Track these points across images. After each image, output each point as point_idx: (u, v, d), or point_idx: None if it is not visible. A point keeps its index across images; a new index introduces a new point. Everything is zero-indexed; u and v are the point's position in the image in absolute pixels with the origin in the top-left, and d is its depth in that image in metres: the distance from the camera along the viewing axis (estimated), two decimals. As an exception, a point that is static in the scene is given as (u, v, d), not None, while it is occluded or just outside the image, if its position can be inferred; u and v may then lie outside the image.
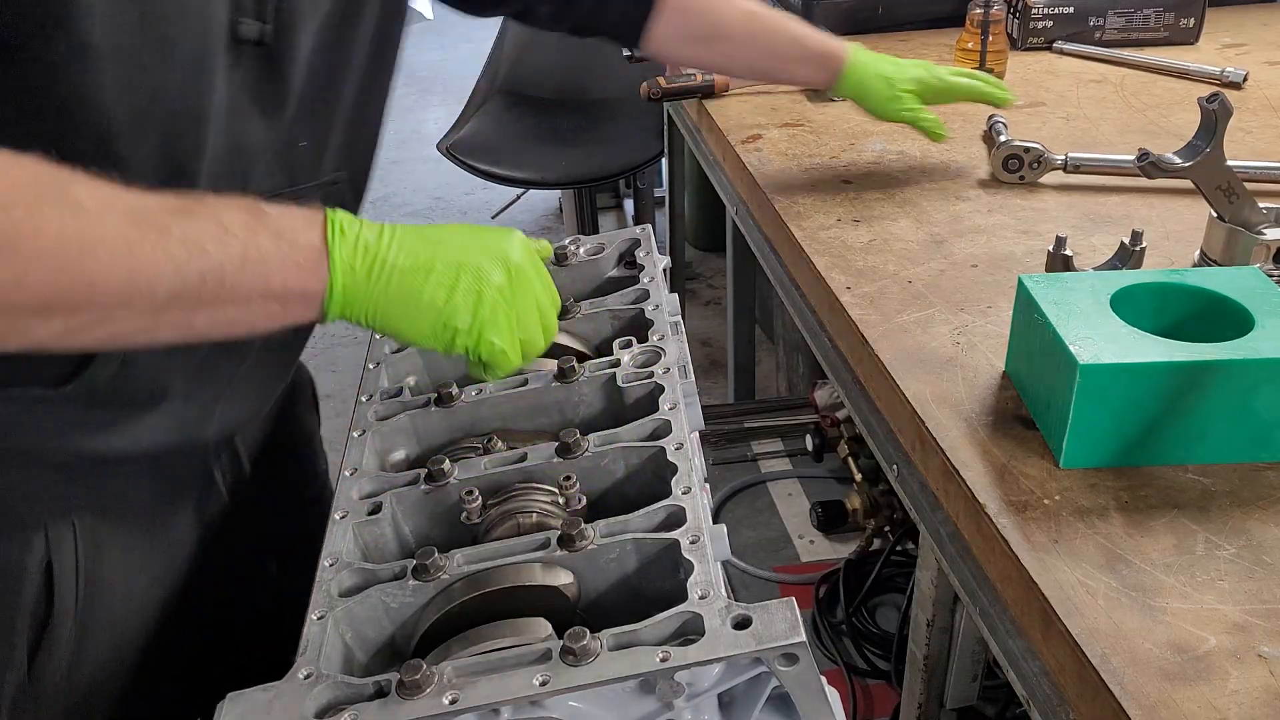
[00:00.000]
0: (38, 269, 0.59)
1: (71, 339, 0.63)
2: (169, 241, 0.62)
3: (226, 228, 0.64)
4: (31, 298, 0.59)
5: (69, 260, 0.59)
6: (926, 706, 1.15)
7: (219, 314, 0.66)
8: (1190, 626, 0.71)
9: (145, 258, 0.61)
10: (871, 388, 1.07)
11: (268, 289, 0.66)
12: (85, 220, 0.60)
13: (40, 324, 0.61)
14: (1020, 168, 1.34)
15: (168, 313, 0.64)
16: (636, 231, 1.11)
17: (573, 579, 0.74)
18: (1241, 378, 0.80)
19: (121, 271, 0.61)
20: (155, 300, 0.62)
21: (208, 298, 0.64)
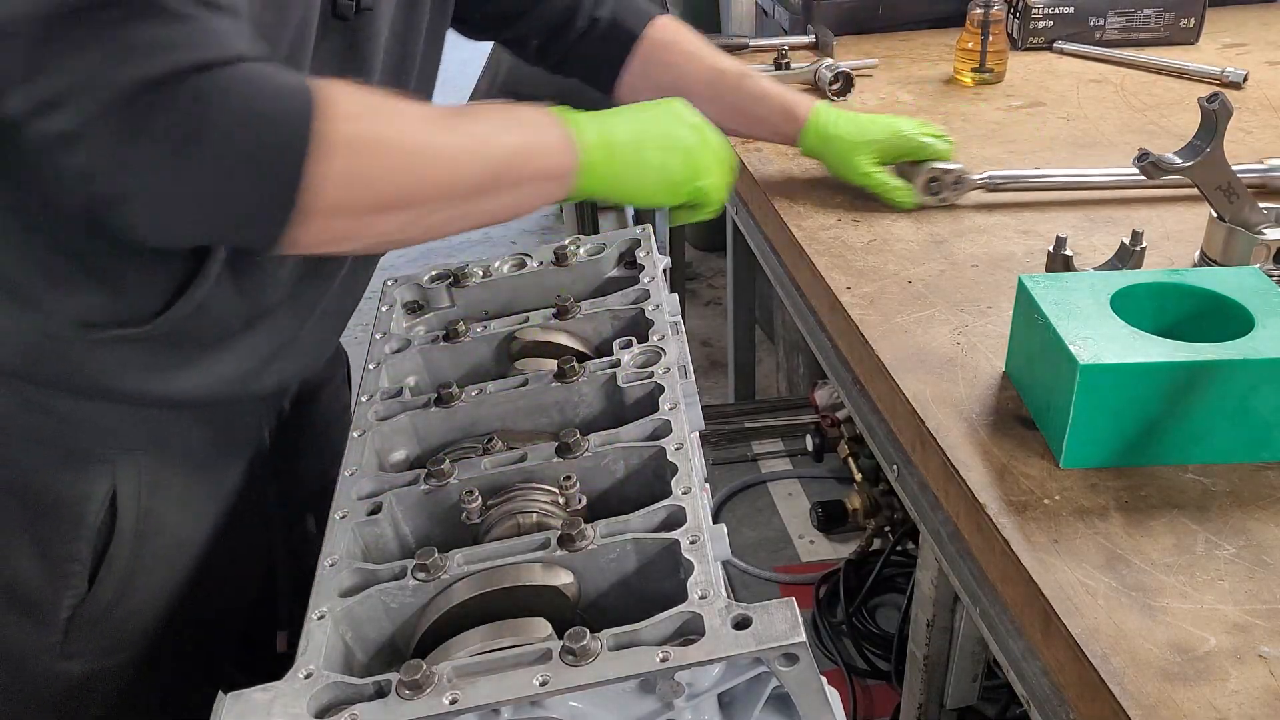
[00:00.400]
0: (382, 170, 0.70)
1: (402, 234, 0.75)
2: (467, 141, 0.76)
3: (499, 125, 0.79)
4: (376, 197, 0.70)
5: (405, 161, 0.71)
6: (926, 707, 1.15)
7: (502, 198, 0.80)
8: (1190, 626, 0.71)
9: (457, 155, 0.75)
10: (871, 388, 1.08)
11: (535, 172, 0.81)
12: (411, 127, 0.73)
13: (380, 220, 0.72)
14: (942, 189, 1.32)
15: (470, 201, 0.77)
16: (636, 231, 1.11)
17: (573, 579, 0.74)
18: (1241, 378, 0.80)
19: (443, 169, 0.74)
20: (465, 191, 0.76)
21: (503, 183, 0.78)
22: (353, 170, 0.68)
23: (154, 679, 0.95)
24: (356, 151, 0.68)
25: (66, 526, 0.86)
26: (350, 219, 0.70)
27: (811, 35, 1.95)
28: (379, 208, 0.71)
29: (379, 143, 0.70)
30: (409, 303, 1.10)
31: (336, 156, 0.67)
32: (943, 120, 1.62)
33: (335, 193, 0.67)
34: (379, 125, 0.70)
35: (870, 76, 1.84)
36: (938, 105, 1.69)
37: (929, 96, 1.74)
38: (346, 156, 0.67)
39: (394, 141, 0.71)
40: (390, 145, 0.71)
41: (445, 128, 0.75)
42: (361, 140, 0.68)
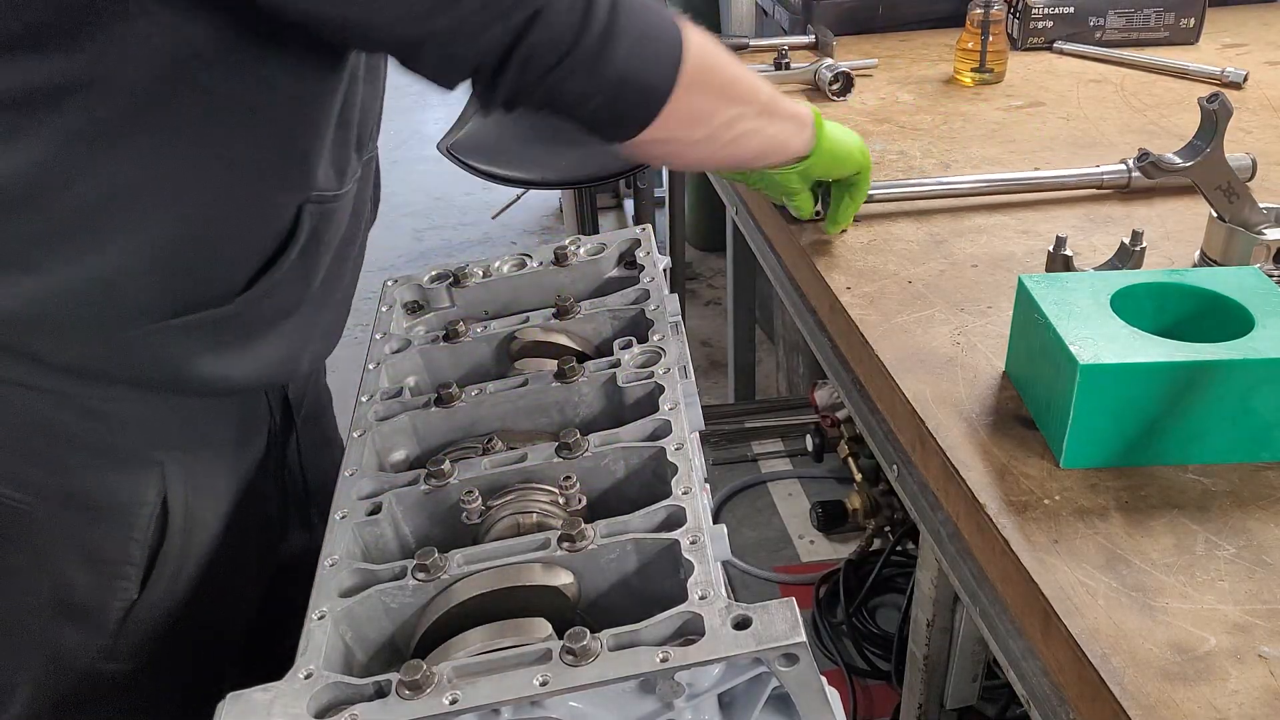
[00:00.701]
0: (723, 61, 0.91)
1: (727, 132, 0.93)
2: (747, 74, 0.94)
3: (776, 95, 0.98)
4: (721, 82, 0.91)
5: (731, 63, 0.92)
6: (926, 707, 1.15)
7: (774, 126, 0.99)
8: (1190, 626, 0.71)
9: (750, 79, 0.95)
10: (871, 388, 1.07)
11: (790, 113, 1.01)
12: (730, 62, 0.92)
13: (720, 110, 0.91)
14: (815, 201, 1.30)
15: (761, 118, 0.96)
16: (636, 232, 1.11)
17: (573, 579, 0.74)
18: (1241, 378, 0.80)
19: (748, 84, 0.94)
20: (759, 107, 0.95)
21: (775, 111, 0.98)
22: (707, 55, 0.87)
23: (176, 679, 0.95)
24: (706, 47, 0.87)
25: (120, 532, 0.86)
26: (705, 97, 0.88)
27: (811, 35, 1.95)
28: (721, 93, 0.90)
29: (717, 48, 0.89)
30: (409, 303, 1.10)
31: (695, 47, 0.85)
32: (943, 120, 1.62)
33: (699, 69, 0.85)
34: (715, 54, 0.89)
35: (870, 76, 1.84)
36: (938, 105, 1.70)
37: (929, 96, 1.74)
38: (702, 49, 0.86)
39: (722, 53, 0.91)
40: (721, 52, 0.90)
41: (749, 74, 0.96)
42: (708, 44, 0.88)
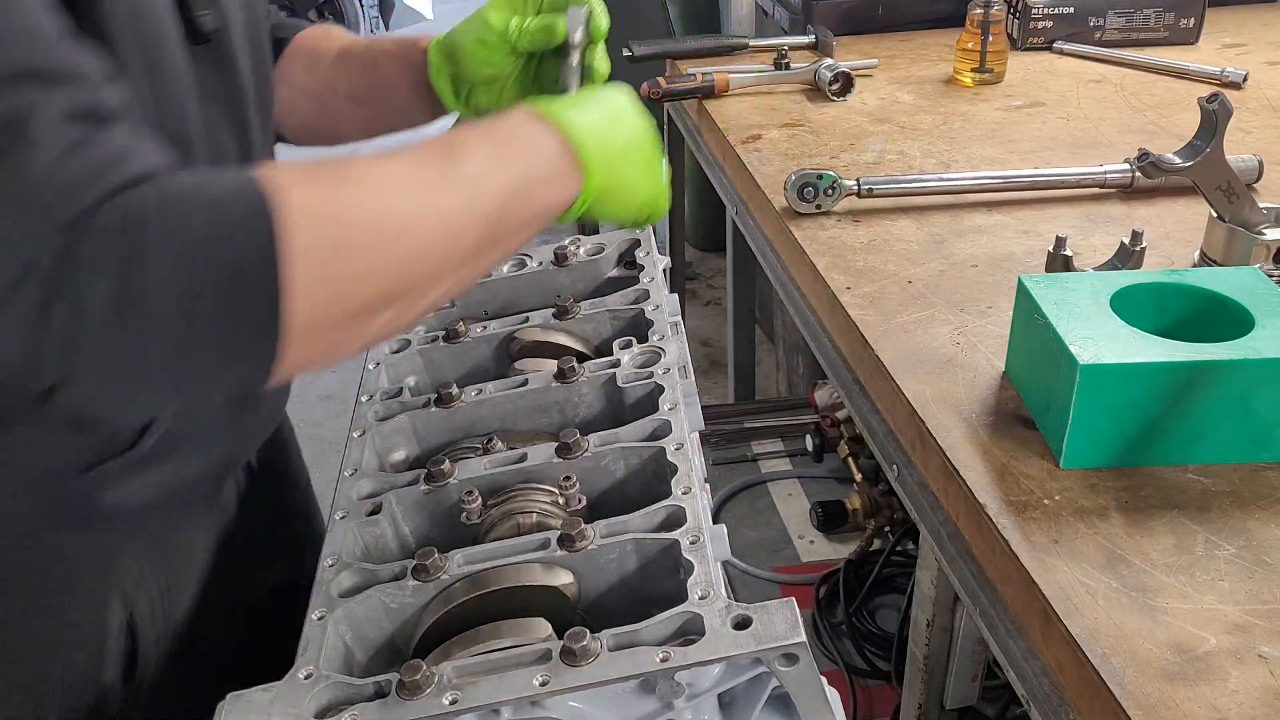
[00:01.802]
0: (375, 257, 0.58)
1: (397, 324, 0.63)
2: (457, 192, 0.63)
3: (488, 164, 0.65)
4: (374, 289, 0.58)
5: (395, 238, 0.59)
6: (926, 707, 1.15)
7: (500, 249, 0.67)
8: (1190, 626, 0.71)
9: (448, 215, 0.62)
10: (871, 388, 1.07)
11: (534, 213, 0.68)
12: (389, 195, 0.60)
13: (379, 317, 0.60)
14: (816, 196, 1.30)
15: (469, 263, 0.65)
16: (636, 232, 1.11)
17: (573, 579, 0.74)
18: (1241, 378, 0.80)
19: (438, 235, 0.62)
20: (464, 254, 0.64)
21: (499, 235, 0.65)
22: (335, 271, 0.56)
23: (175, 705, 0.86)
24: (335, 247, 0.56)
25: (89, 661, 0.77)
26: (342, 327, 0.58)
27: (811, 35, 1.95)
28: (373, 304, 0.59)
29: (359, 229, 0.58)
30: (409, 303, 1.09)
31: (312, 260, 0.55)
32: (942, 120, 1.62)
33: (320, 304, 0.56)
34: (353, 207, 0.58)
35: (870, 76, 1.84)
36: (938, 105, 1.70)
37: (929, 96, 1.74)
38: (323, 257, 0.55)
39: (375, 223, 0.58)
40: (372, 229, 0.58)
41: (436, 182, 0.63)
42: (338, 232, 0.56)
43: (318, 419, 2.97)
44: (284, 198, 0.54)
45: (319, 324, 0.56)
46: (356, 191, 0.58)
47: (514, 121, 0.69)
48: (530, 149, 0.68)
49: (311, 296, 0.55)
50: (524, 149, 0.68)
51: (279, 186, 0.55)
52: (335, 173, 0.59)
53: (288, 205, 0.54)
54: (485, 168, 0.65)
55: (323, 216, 0.56)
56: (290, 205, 0.54)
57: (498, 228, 0.65)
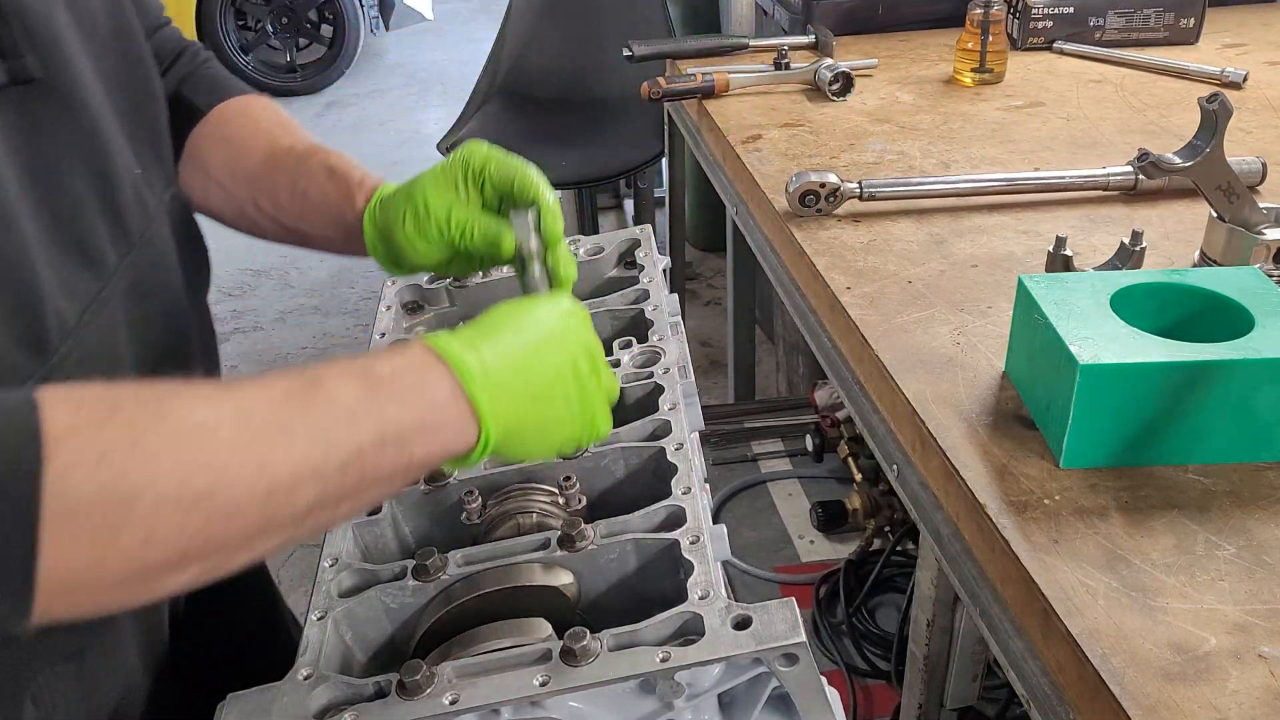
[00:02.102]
0: (165, 517, 0.49)
1: (207, 577, 0.54)
2: (298, 443, 0.54)
3: (350, 408, 0.57)
4: (164, 551, 0.50)
5: (199, 498, 0.50)
6: (927, 707, 1.15)
7: (360, 499, 0.58)
8: (1190, 626, 0.71)
9: (280, 468, 0.53)
10: (871, 388, 1.07)
11: (411, 462, 0.59)
12: (203, 444, 0.51)
13: (174, 576, 0.51)
14: (817, 201, 1.29)
15: (310, 518, 0.56)
16: (636, 232, 1.11)
17: (573, 579, 0.74)
18: (1241, 378, 0.80)
19: (259, 493, 0.52)
20: (297, 511, 0.54)
21: (350, 489, 0.56)
22: (107, 536, 0.48)
23: None
24: (112, 509, 0.48)
25: None
26: (122, 585, 0.50)
27: (811, 35, 1.95)
28: (161, 567, 0.51)
29: (149, 488, 0.49)
30: (409, 303, 1.09)
31: (79, 523, 0.47)
32: (942, 120, 1.62)
33: (86, 568, 0.48)
34: (147, 461, 0.49)
35: (870, 76, 1.84)
36: (938, 105, 1.70)
37: (929, 96, 1.74)
38: (94, 522, 0.47)
39: (172, 481, 0.49)
40: (166, 488, 0.49)
41: (273, 428, 0.54)
42: (119, 490, 0.48)
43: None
44: (58, 446, 0.46)
45: (86, 585, 0.49)
46: (157, 440, 0.49)
47: (403, 359, 0.61)
48: (413, 394, 0.59)
49: (74, 560, 0.47)
50: (405, 394, 0.59)
51: (55, 431, 0.47)
52: (139, 412, 0.50)
53: (58, 457, 0.46)
54: (347, 413, 0.56)
55: (102, 473, 0.47)
56: (62, 457, 0.46)
57: (353, 480, 0.56)
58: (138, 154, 0.74)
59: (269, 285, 3.67)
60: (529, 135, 2.94)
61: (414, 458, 0.59)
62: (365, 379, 0.58)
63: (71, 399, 0.49)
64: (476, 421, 0.61)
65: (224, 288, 3.61)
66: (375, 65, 6.22)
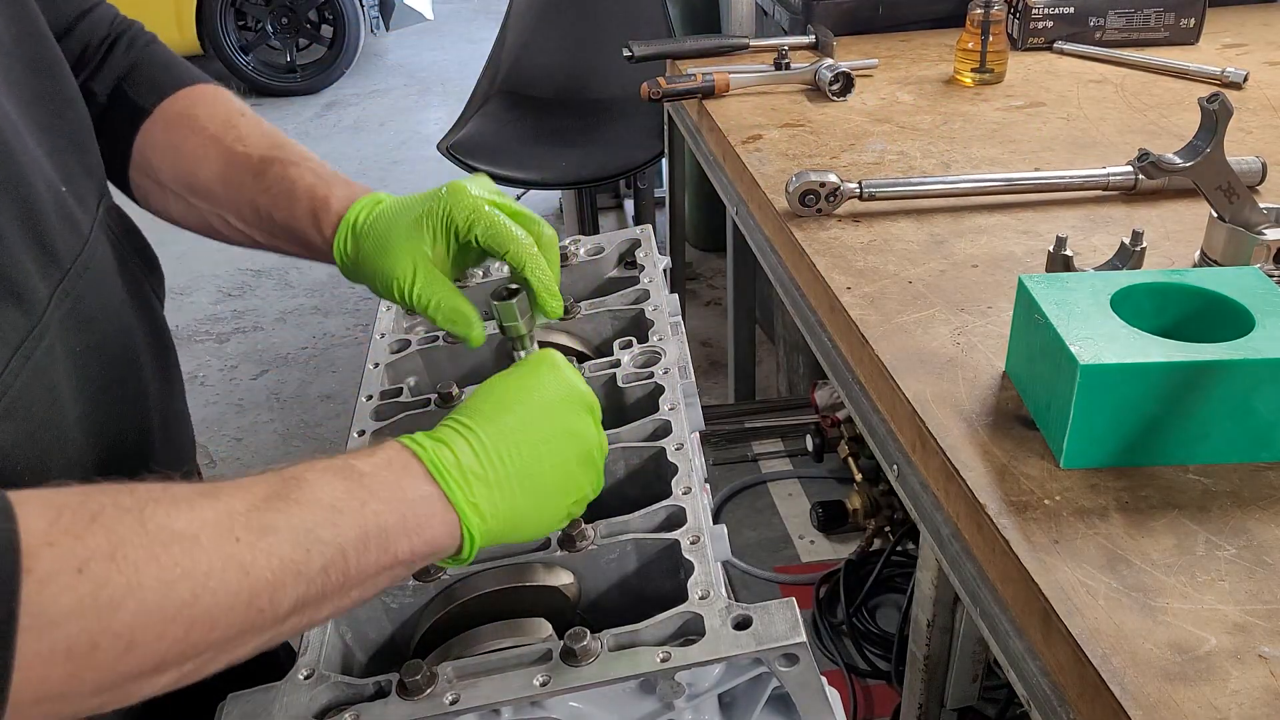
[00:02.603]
0: (146, 627, 0.48)
1: (185, 682, 0.52)
2: (281, 544, 0.53)
3: (334, 507, 0.55)
4: (143, 659, 0.49)
5: (181, 606, 0.49)
6: (927, 707, 1.15)
7: (344, 600, 0.57)
8: (1191, 626, 0.71)
9: (262, 574, 0.52)
10: (872, 388, 1.07)
11: (395, 559, 0.58)
12: (183, 551, 0.49)
13: (150, 682, 0.50)
14: (817, 201, 1.29)
15: (291, 619, 0.54)
16: (636, 232, 1.11)
17: (573, 579, 0.74)
18: (1242, 378, 0.80)
19: (242, 599, 0.51)
20: (279, 614, 0.53)
21: (332, 589, 0.55)
22: (85, 645, 0.46)
23: None
24: (90, 620, 0.46)
25: None
26: (101, 692, 0.49)
27: (811, 35, 1.95)
28: (150, 670, 0.50)
29: (128, 598, 0.47)
30: (409, 303, 1.09)
31: (56, 635, 0.45)
32: (942, 120, 1.62)
33: (62, 679, 0.46)
34: (125, 569, 0.47)
35: (870, 76, 1.84)
36: (938, 105, 1.70)
37: (929, 96, 1.74)
38: (71, 632, 0.46)
39: (153, 590, 0.48)
40: (147, 597, 0.48)
41: (254, 530, 0.52)
42: (97, 600, 0.46)
43: (318, 419, 2.97)
44: (36, 557, 0.45)
45: (61, 696, 0.47)
46: (137, 549, 0.48)
47: (382, 456, 0.60)
48: (393, 492, 0.58)
49: (50, 672, 0.46)
50: (385, 491, 0.58)
51: (33, 541, 0.45)
52: (119, 521, 0.48)
53: (37, 568, 0.45)
54: (329, 511, 0.55)
55: (82, 584, 0.46)
56: (41, 568, 0.45)
57: (336, 581, 0.55)
58: (62, 169, 0.68)
59: (269, 285, 3.67)
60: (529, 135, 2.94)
61: (398, 556, 0.58)
62: (346, 477, 0.57)
63: (49, 505, 0.47)
64: (460, 527, 0.60)
65: (224, 288, 3.61)
66: (375, 65, 6.22)
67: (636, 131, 2.88)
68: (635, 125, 2.90)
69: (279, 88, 5.66)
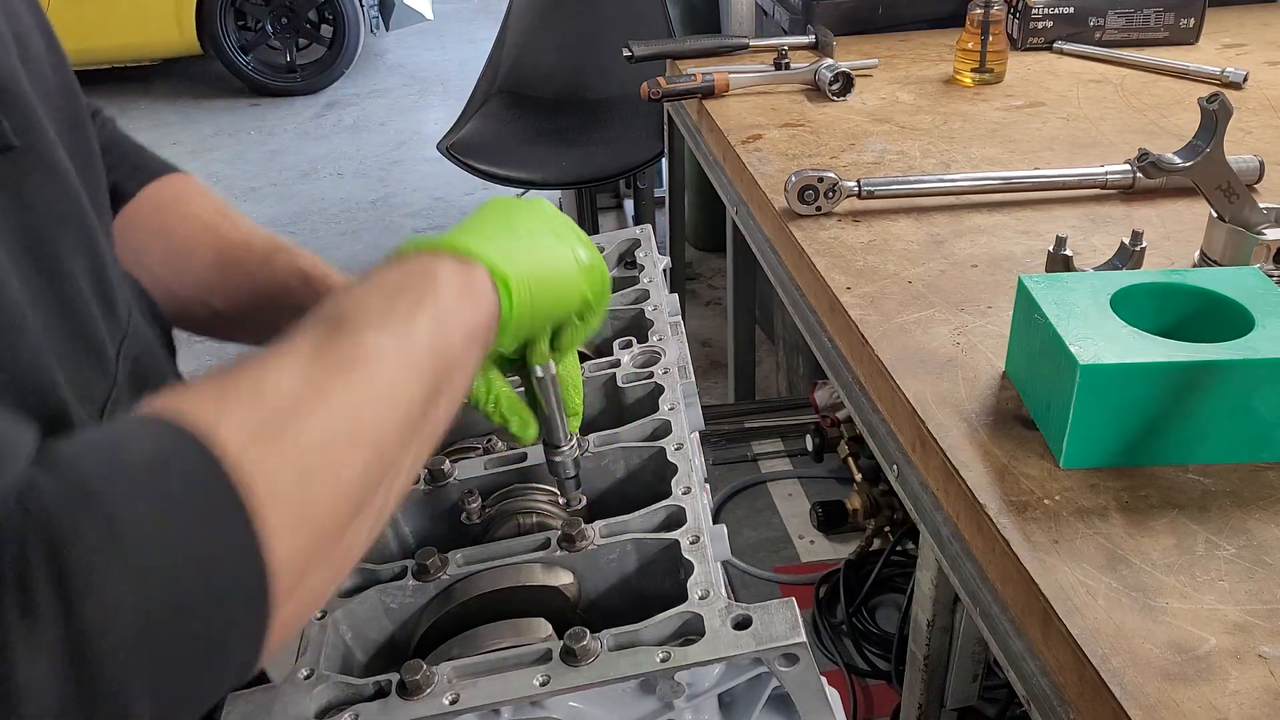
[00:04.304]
0: (338, 469, 0.48)
1: (377, 525, 0.53)
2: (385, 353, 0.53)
3: (389, 302, 0.56)
4: (348, 495, 0.49)
5: (349, 446, 0.49)
6: (927, 707, 1.15)
7: (450, 390, 0.58)
8: (1190, 626, 0.71)
9: (393, 384, 0.52)
10: (871, 388, 1.07)
11: (467, 335, 0.59)
12: (319, 401, 0.49)
13: (355, 533, 0.51)
14: (816, 198, 1.29)
15: (427, 419, 0.55)
16: (636, 232, 1.11)
17: (573, 579, 0.74)
18: (1241, 378, 0.80)
19: (393, 414, 0.52)
20: (414, 414, 0.54)
21: (441, 374, 0.56)
22: (309, 500, 0.47)
23: None
24: (300, 474, 0.47)
25: None
26: (326, 560, 0.49)
27: (811, 35, 1.95)
28: (347, 520, 0.50)
29: (311, 439, 0.48)
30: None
31: (281, 503, 0.45)
32: (943, 120, 1.62)
33: (303, 548, 0.47)
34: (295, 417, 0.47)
35: (870, 76, 1.84)
36: (938, 105, 1.70)
37: (929, 96, 1.74)
38: (291, 493, 0.46)
39: (323, 426, 0.48)
40: (324, 433, 0.48)
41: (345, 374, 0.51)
42: (294, 454, 0.46)
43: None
44: (219, 440, 0.44)
45: (303, 571, 0.47)
46: (279, 399, 0.48)
47: (396, 263, 0.60)
48: (425, 279, 0.58)
49: (293, 544, 0.46)
50: (417, 283, 0.58)
51: (204, 428, 0.44)
52: (247, 386, 0.48)
53: (229, 448, 0.44)
54: (394, 321, 0.55)
55: (269, 445, 0.45)
56: (230, 446, 0.44)
57: (439, 364, 0.56)
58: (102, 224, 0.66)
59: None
60: (529, 135, 2.94)
61: (454, 337, 0.58)
62: (381, 293, 0.57)
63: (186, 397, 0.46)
64: (487, 272, 0.61)
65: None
66: (375, 65, 6.22)
67: (636, 131, 2.88)
68: (635, 125, 2.90)
69: (279, 88, 5.66)
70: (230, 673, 0.46)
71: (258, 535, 0.43)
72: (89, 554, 0.38)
